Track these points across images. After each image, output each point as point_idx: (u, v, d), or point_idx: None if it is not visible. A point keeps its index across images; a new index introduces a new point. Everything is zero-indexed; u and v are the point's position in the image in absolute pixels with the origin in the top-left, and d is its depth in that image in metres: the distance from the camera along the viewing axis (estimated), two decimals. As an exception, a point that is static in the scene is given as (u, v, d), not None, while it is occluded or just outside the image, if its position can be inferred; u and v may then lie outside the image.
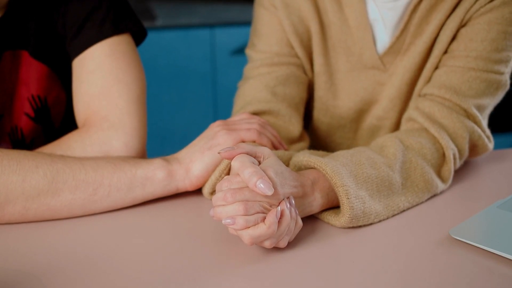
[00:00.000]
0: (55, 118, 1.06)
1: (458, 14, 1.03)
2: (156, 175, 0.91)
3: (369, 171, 0.90)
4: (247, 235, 0.77)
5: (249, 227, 0.77)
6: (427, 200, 0.96)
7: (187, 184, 0.93)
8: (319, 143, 1.21)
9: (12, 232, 0.86)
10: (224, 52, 2.41)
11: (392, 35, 1.09)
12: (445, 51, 1.06)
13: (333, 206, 0.89)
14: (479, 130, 1.02)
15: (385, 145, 0.96)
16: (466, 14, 1.03)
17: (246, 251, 0.81)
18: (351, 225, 0.87)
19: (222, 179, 0.91)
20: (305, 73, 1.14)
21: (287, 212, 0.78)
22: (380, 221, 0.89)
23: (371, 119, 1.16)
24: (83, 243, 0.84)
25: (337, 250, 0.83)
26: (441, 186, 0.98)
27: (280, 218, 0.78)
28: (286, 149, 1.01)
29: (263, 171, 0.79)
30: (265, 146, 0.91)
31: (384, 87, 1.13)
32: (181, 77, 2.40)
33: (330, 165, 0.86)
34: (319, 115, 1.18)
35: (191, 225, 0.89)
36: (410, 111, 1.04)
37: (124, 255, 0.81)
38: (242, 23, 2.36)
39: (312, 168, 0.89)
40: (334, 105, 1.16)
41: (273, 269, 0.78)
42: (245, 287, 0.75)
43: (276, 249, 0.82)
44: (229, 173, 0.90)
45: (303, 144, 1.09)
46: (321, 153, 0.95)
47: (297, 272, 0.77)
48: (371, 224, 0.88)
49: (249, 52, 1.16)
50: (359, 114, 1.17)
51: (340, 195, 0.85)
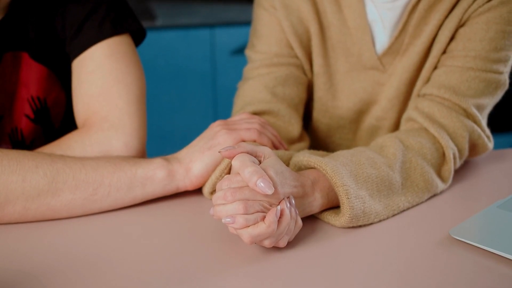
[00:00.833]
0: (55, 119, 1.06)
1: (456, 14, 1.03)
2: (156, 174, 0.91)
3: (369, 171, 0.90)
4: (246, 234, 0.77)
5: (249, 226, 0.77)
6: (427, 200, 0.96)
7: (187, 183, 0.93)
8: (319, 143, 1.21)
9: (12, 232, 0.86)
10: (224, 52, 2.41)
11: (391, 35, 1.09)
12: (444, 51, 1.06)
13: (333, 206, 0.89)
14: (478, 130, 1.02)
15: (385, 145, 0.96)
16: (464, 14, 1.03)
17: (246, 250, 0.81)
18: (351, 225, 0.87)
19: (222, 178, 0.91)
20: (304, 73, 1.14)
21: (286, 211, 0.78)
22: (380, 221, 0.89)
23: (370, 119, 1.16)
24: (83, 243, 0.84)
25: (337, 250, 0.83)
26: (441, 186, 0.98)
27: (280, 217, 0.78)
28: (286, 149, 1.01)
29: (264, 170, 0.79)
30: (265, 146, 0.91)
31: (383, 87, 1.13)
32: (181, 77, 2.40)
33: (330, 165, 0.86)
34: (318, 115, 1.18)
35: (191, 225, 0.89)
36: (410, 111, 1.04)
37: (124, 255, 0.81)
38: (242, 23, 2.36)
39: (312, 168, 0.89)
40: (334, 105, 1.16)
41: (273, 268, 0.78)
42: (245, 286, 0.75)
43: (276, 248, 0.82)
44: (229, 173, 0.90)
45: (303, 144, 1.09)
46: (321, 153, 0.95)
47: (297, 272, 0.77)
48: (371, 224, 0.88)
49: (248, 52, 1.16)
50: (359, 115, 1.17)
51: (340, 195, 0.85)
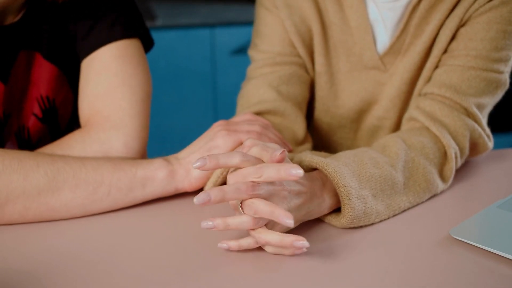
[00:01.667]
0: (61, 119, 1.07)
1: (457, 14, 1.03)
2: (156, 175, 0.91)
3: (372, 170, 0.89)
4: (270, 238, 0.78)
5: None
6: (427, 200, 0.96)
7: (186, 185, 0.93)
8: (320, 143, 1.21)
9: (12, 232, 0.86)
10: (224, 52, 2.41)
11: (392, 35, 1.09)
12: (445, 51, 1.06)
13: (340, 206, 0.89)
14: (479, 129, 1.02)
15: (387, 144, 0.96)
16: (465, 13, 1.03)
17: (246, 250, 0.81)
18: (352, 226, 0.86)
19: (222, 177, 0.91)
20: (307, 72, 1.14)
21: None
22: (381, 221, 0.89)
23: (371, 119, 1.16)
24: (83, 243, 0.84)
25: (337, 250, 0.83)
26: (441, 186, 0.97)
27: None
28: (291, 150, 1.00)
29: None
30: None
31: (384, 87, 1.13)
32: (181, 77, 2.40)
33: (332, 165, 0.86)
34: (319, 115, 1.18)
35: (191, 225, 0.89)
36: (411, 111, 1.04)
37: (124, 255, 0.81)
38: (242, 23, 2.36)
39: (314, 168, 0.89)
40: (335, 105, 1.16)
41: (273, 268, 0.78)
42: (245, 286, 0.75)
43: (276, 249, 0.82)
44: None
45: (308, 145, 1.09)
46: (323, 154, 0.95)
47: (297, 272, 0.77)
48: (372, 224, 0.88)
49: (251, 53, 1.16)
50: (360, 114, 1.17)
51: (342, 196, 0.85)
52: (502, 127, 2.57)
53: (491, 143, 1.06)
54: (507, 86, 1.06)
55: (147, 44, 1.09)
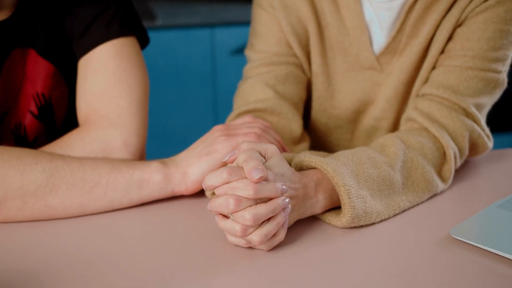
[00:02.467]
0: (57, 117, 1.07)
1: (453, 14, 1.03)
2: (152, 178, 0.91)
3: (370, 170, 0.89)
4: (257, 236, 0.78)
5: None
6: (427, 200, 0.96)
7: (182, 188, 0.93)
8: (317, 144, 1.21)
9: (11, 232, 0.86)
10: (224, 52, 2.41)
11: (388, 35, 1.09)
12: (442, 51, 1.06)
13: (336, 206, 0.89)
14: (478, 129, 1.02)
15: (385, 144, 0.96)
16: (461, 14, 1.03)
17: (246, 250, 0.81)
18: (352, 225, 0.86)
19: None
20: (304, 72, 1.14)
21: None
22: (381, 220, 0.89)
23: (368, 119, 1.16)
24: (83, 243, 0.84)
25: (337, 250, 0.83)
26: (441, 186, 0.97)
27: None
28: (286, 151, 1.00)
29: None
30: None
31: (381, 87, 1.13)
32: (181, 77, 2.40)
33: (331, 164, 0.86)
34: (316, 115, 1.18)
35: (190, 225, 0.89)
36: (409, 111, 1.04)
37: (123, 255, 0.81)
38: (242, 23, 2.36)
39: (313, 168, 0.89)
40: (332, 105, 1.16)
41: (273, 269, 0.78)
42: (245, 286, 0.75)
43: (277, 249, 0.82)
44: None
45: (305, 144, 1.09)
46: (321, 153, 0.95)
47: (297, 272, 0.77)
48: (372, 224, 0.88)
49: (248, 52, 1.16)
50: (356, 115, 1.17)
51: (342, 195, 0.85)
52: (502, 127, 2.57)
53: (490, 143, 1.06)
54: (505, 85, 1.06)
55: (143, 41, 1.08)
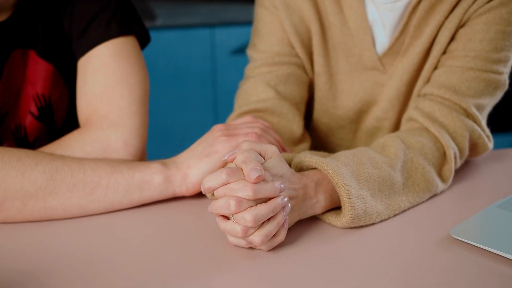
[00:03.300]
0: (58, 117, 1.07)
1: (456, 15, 1.03)
2: (153, 179, 0.91)
3: (371, 170, 0.89)
4: (258, 237, 0.78)
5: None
6: (427, 200, 0.96)
7: (183, 189, 0.93)
8: (318, 143, 1.21)
9: (11, 232, 0.86)
10: (224, 52, 2.41)
11: (391, 36, 1.09)
12: (444, 52, 1.06)
13: (337, 206, 0.89)
14: (479, 129, 1.02)
15: (386, 144, 0.96)
16: (464, 14, 1.03)
17: (246, 251, 0.81)
18: (352, 225, 0.86)
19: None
20: (305, 73, 1.14)
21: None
22: (381, 221, 0.89)
23: (370, 120, 1.16)
24: (83, 243, 0.84)
25: (338, 250, 0.83)
26: (441, 186, 0.98)
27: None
28: (286, 151, 1.00)
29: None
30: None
31: (383, 88, 1.13)
32: (181, 77, 2.40)
33: (331, 165, 0.86)
34: (318, 116, 1.18)
35: (190, 225, 0.89)
36: (410, 111, 1.04)
37: (124, 255, 0.81)
38: (242, 23, 2.36)
39: (313, 168, 0.89)
40: (334, 106, 1.16)
41: (273, 269, 0.78)
42: (245, 286, 0.75)
43: (277, 249, 0.82)
44: None
45: (306, 144, 1.09)
46: (322, 153, 0.95)
47: (297, 272, 0.77)
48: (372, 224, 0.88)
49: (250, 52, 1.16)
50: (359, 115, 1.17)
51: (342, 195, 0.85)
52: (502, 127, 2.57)
53: (491, 144, 1.06)
54: (506, 87, 1.06)
55: (144, 40, 1.08)
